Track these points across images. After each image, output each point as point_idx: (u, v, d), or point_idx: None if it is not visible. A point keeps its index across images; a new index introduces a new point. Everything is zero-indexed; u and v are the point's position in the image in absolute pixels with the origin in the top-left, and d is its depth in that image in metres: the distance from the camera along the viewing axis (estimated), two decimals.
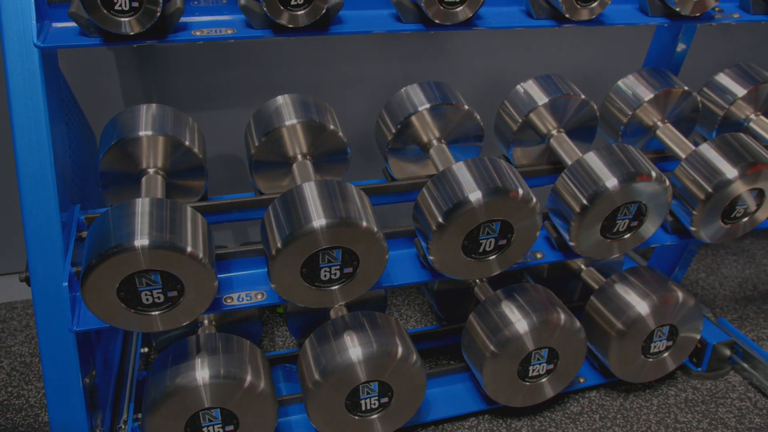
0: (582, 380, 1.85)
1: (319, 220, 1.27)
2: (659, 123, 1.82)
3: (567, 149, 1.67)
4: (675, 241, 1.70)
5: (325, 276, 1.34)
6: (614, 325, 1.71)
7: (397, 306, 2.24)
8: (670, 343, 1.77)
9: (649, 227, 1.55)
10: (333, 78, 2.34)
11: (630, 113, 1.79)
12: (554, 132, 1.73)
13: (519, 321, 1.62)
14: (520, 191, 1.38)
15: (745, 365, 1.95)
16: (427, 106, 1.62)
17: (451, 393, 1.80)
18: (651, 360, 1.78)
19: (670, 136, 1.78)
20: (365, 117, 2.18)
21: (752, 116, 1.90)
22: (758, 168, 1.55)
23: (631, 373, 1.79)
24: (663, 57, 1.97)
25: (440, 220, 1.36)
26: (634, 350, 1.74)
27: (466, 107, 1.65)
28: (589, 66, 2.55)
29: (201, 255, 1.24)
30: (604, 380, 1.86)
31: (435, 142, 1.66)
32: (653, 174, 1.46)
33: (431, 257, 1.41)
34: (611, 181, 1.44)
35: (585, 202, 1.45)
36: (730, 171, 1.54)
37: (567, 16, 1.56)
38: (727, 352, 1.95)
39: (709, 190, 1.54)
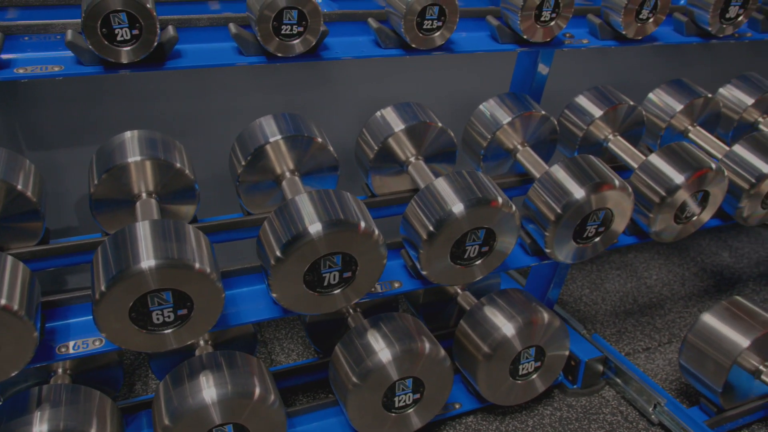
0: (457, 406, 1.84)
1: (147, 261, 1.22)
2: (519, 146, 1.84)
3: (423, 176, 1.67)
4: (535, 263, 1.72)
5: (157, 319, 1.28)
6: (481, 348, 1.71)
7: (279, 339, 2.19)
8: (538, 363, 1.78)
9: (501, 251, 1.56)
10: (212, 110, 2.30)
11: (489, 137, 1.81)
12: (412, 159, 1.73)
13: (382, 350, 1.60)
14: (362, 224, 1.37)
15: (618, 380, 1.98)
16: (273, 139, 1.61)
17: (324, 429, 1.75)
18: (520, 382, 1.78)
19: (528, 158, 1.81)
20: None
21: (610, 136, 1.96)
22: (605, 188, 1.59)
23: (501, 396, 1.79)
24: (526, 81, 2.01)
25: (278, 253, 1.32)
26: (502, 373, 1.74)
27: (320, 140, 1.64)
28: (476, 89, 2.60)
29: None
30: (480, 405, 1.85)
31: (288, 174, 1.63)
32: (500, 200, 1.48)
33: (274, 294, 1.37)
34: (457, 207, 1.45)
35: (431, 228, 1.44)
36: (578, 191, 1.57)
37: (413, 45, 1.58)
38: (600, 368, 1.98)
39: (558, 210, 1.56)
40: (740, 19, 1.93)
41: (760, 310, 1.86)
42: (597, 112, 1.92)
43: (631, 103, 1.95)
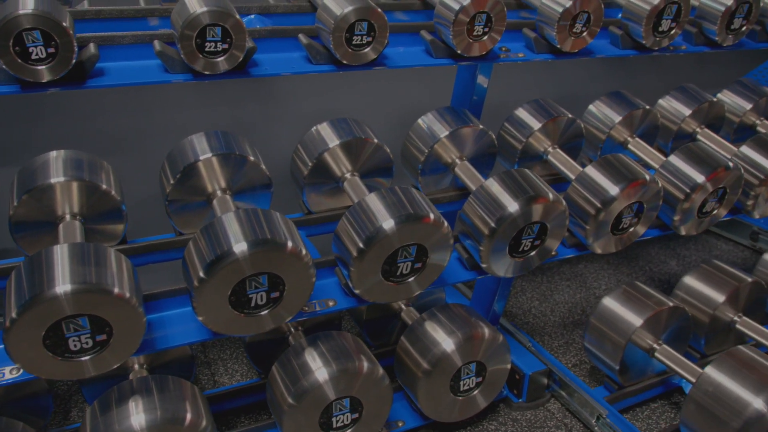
0: (401, 424, 1.82)
1: (63, 286, 1.18)
2: (457, 160, 1.84)
3: (358, 192, 1.66)
4: (473, 278, 1.71)
5: (74, 346, 1.24)
6: (420, 364, 1.69)
7: (223, 360, 2.14)
8: (479, 379, 1.77)
9: (435, 267, 1.55)
10: (153, 126, 2.26)
11: (427, 151, 1.81)
12: (348, 175, 1.71)
13: (319, 370, 1.57)
14: (290, 244, 1.34)
15: (563, 392, 1.98)
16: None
17: None
18: (462, 398, 1.77)
19: (466, 172, 1.81)
20: None
21: (550, 149, 1.97)
22: (539, 201, 1.59)
23: (443, 412, 1.77)
24: (466, 94, 2.02)
25: (201, 274, 1.29)
26: (443, 389, 1.73)
27: (252, 158, 1.61)
28: (424, 103, 2.60)
29: None
30: (423, 422, 1.83)
31: (219, 192, 1.60)
32: (432, 216, 1.47)
33: (199, 317, 1.34)
34: (388, 223, 1.43)
35: (361, 245, 1.42)
36: (511, 205, 1.56)
37: (344, 61, 1.57)
38: (545, 381, 1.98)
39: (492, 224, 1.56)
40: (673, 32, 1.96)
41: (655, 292, 1.97)
42: (536, 125, 1.93)
43: (570, 115, 1.96)
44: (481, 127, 1.84)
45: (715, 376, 1.68)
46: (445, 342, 1.70)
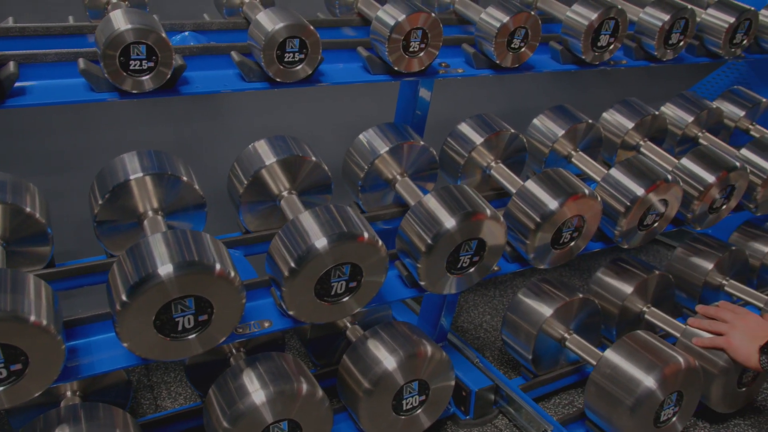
0: None
1: None
2: (398, 176, 1.83)
3: (294, 210, 1.63)
4: (414, 295, 1.70)
5: None
6: (362, 384, 1.67)
7: (167, 383, 2.09)
8: (423, 397, 1.75)
9: (371, 286, 1.52)
10: (96, 144, 2.22)
11: (367, 167, 1.79)
12: (285, 193, 1.69)
13: (256, 392, 1.53)
14: (218, 266, 1.31)
15: (510, 408, 1.97)
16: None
17: None
18: (404, 417, 1.74)
19: (406, 189, 1.80)
20: None
21: (492, 164, 1.97)
22: (477, 217, 1.58)
23: None
24: (408, 109, 2.01)
25: (124, 297, 1.25)
26: (385, 408, 1.70)
27: (185, 178, 1.58)
28: (374, 118, 2.59)
29: None
30: None
31: (150, 213, 1.57)
32: (366, 234, 1.45)
33: (124, 342, 1.30)
34: (320, 242, 1.41)
35: (293, 265, 1.40)
36: (448, 221, 1.55)
37: (277, 79, 1.55)
38: (492, 397, 1.97)
39: (429, 241, 1.55)
40: (612, 47, 1.98)
41: (567, 285, 2.06)
42: (478, 140, 1.93)
43: (512, 130, 1.97)
44: (422, 143, 1.83)
45: (613, 359, 1.79)
46: (387, 360, 1.68)
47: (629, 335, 1.85)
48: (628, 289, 2.13)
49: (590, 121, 2.10)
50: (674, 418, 1.81)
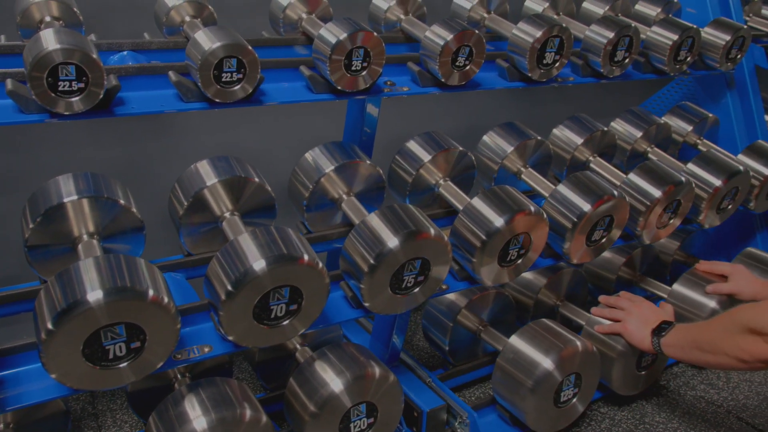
0: None
1: None
2: (344, 196, 1.81)
3: (236, 232, 1.60)
4: (360, 315, 1.68)
5: None
6: (308, 407, 1.63)
7: (113, 410, 2.03)
8: (371, 420, 1.72)
9: (312, 308, 1.50)
10: (40, 165, 2.17)
11: (311, 186, 1.77)
12: (227, 214, 1.66)
13: (197, 419, 1.49)
14: (151, 292, 1.28)
15: (462, 428, 1.95)
16: None
17: None
18: None
19: (352, 208, 1.78)
20: None
21: (441, 181, 1.96)
22: (421, 237, 1.57)
23: None
24: (356, 127, 2.00)
25: (50, 326, 1.21)
26: None
27: (122, 201, 1.54)
28: (330, 137, 2.57)
29: None
30: None
31: (85, 237, 1.52)
32: (306, 257, 1.42)
33: (51, 373, 1.25)
34: (258, 264, 1.38)
35: (230, 288, 1.37)
36: (391, 240, 1.54)
37: (217, 100, 1.53)
38: (444, 417, 1.95)
39: (372, 261, 1.53)
40: (558, 64, 2.00)
41: None
42: (426, 157, 1.93)
43: (461, 148, 1.97)
44: (368, 161, 1.82)
45: (516, 344, 1.89)
46: (334, 382, 1.64)
47: (534, 322, 1.95)
48: (541, 282, 2.27)
49: (539, 137, 2.11)
50: (574, 399, 1.91)
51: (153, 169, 2.38)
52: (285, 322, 1.46)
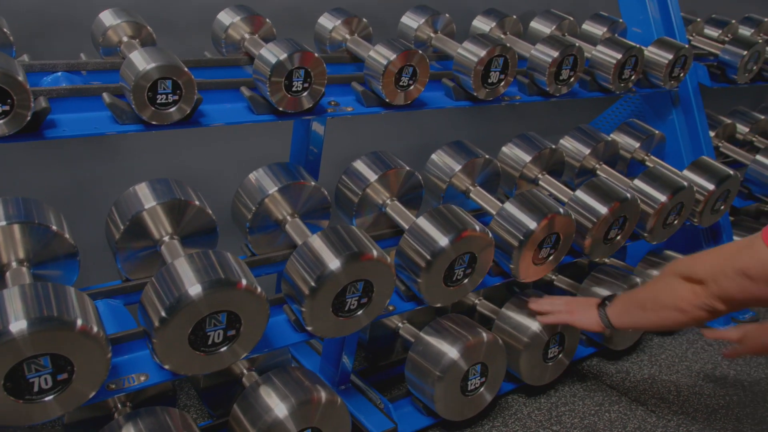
0: None
1: None
2: (288, 217, 1.79)
3: (174, 255, 1.57)
4: (304, 339, 1.65)
5: None
6: None
7: None
8: None
9: (251, 334, 1.46)
10: None
11: (254, 208, 1.75)
12: (166, 238, 1.62)
13: None
14: (79, 322, 1.23)
15: None
16: None
17: None
18: None
19: (296, 229, 1.76)
20: None
21: (388, 201, 1.95)
22: (363, 258, 1.55)
23: None
24: (303, 147, 1.99)
25: None
26: None
27: (54, 227, 1.50)
28: (283, 158, 2.55)
29: None
30: None
31: (14, 264, 1.47)
32: (244, 281, 1.39)
33: None
34: (194, 289, 1.35)
35: (164, 314, 1.33)
36: (333, 262, 1.52)
37: (153, 122, 1.50)
38: None
39: (312, 284, 1.51)
40: (503, 84, 2.01)
41: None
42: (372, 177, 1.92)
43: (408, 168, 1.96)
44: (312, 182, 1.80)
45: (425, 336, 1.95)
46: (278, 408, 1.61)
47: (443, 316, 2.01)
48: None
49: (487, 156, 2.12)
50: (482, 389, 1.98)
51: (99, 192, 2.32)
52: (223, 349, 1.43)
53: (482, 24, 2.41)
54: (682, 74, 2.50)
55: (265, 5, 2.34)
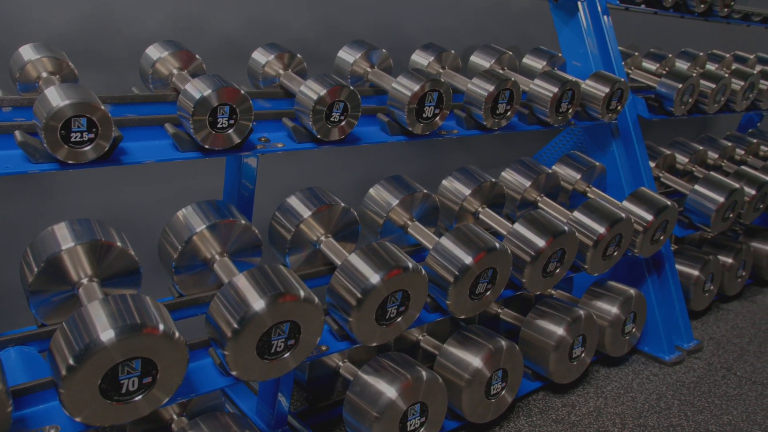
0: None
1: None
2: (217, 256, 1.74)
3: (92, 297, 1.50)
4: (231, 383, 1.58)
5: None
6: None
7: None
8: None
9: (168, 381, 1.40)
10: None
11: (180, 247, 1.69)
12: (84, 281, 1.56)
13: None
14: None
15: None
16: None
17: None
18: None
19: (224, 269, 1.71)
20: None
21: (323, 237, 1.92)
22: (288, 299, 1.50)
23: None
24: (236, 182, 1.95)
25: None
26: None
27: None
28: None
29: None
30: None
31: None
32: (160, 327, 1.34)
33: None
34: (106, 335, 1.28)
35: (71, 362, 1.26)
36: (257, 303, 1.47)
37: (70, 161, 1.45)
38: None
39: (235, 326, 1.45)
40: (437, 118, 2.01)
41: None
42: (306, 213, 1.89)
43: (343, 204, 1.94)
44: (242, 220, 1.76)
45: (363, 375, 1.91)
46: None
47: (382, 354, 1.97)
48: None
49: (425, 191, 2.11)
50: (422, 429, 1.93)
51: (30, 230, 2.24)
52: (138, 397, 1.36)
53: (420, 58, 2.42)
54: (619, 107, 2.54)
55: (203, 40, 2.32)
